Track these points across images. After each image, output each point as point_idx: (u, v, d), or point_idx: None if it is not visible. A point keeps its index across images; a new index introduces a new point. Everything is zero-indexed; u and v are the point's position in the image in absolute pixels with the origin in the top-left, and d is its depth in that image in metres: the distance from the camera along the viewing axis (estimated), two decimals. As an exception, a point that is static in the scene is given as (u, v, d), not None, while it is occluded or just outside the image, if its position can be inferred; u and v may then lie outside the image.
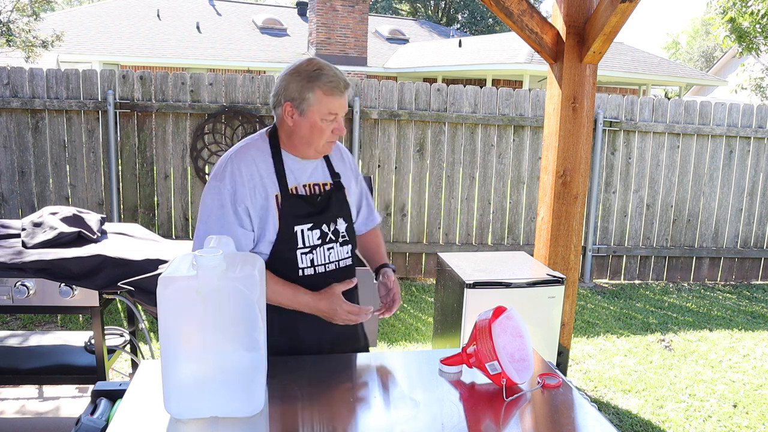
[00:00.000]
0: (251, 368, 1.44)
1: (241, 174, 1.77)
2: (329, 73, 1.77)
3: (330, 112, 1.78)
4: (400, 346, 4.28)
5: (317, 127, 1.78)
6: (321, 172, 1.92)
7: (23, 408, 2.90)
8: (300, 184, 1.85)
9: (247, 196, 1.77)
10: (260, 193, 1.78)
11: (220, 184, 1.77)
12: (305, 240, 1.82)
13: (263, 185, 1.79)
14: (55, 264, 2.44)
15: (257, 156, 1.81)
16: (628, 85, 18.95)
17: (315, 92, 1.76)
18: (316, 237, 1.84)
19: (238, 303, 1.39)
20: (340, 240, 1.90)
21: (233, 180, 1.77)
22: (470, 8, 34.36)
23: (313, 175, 1.89)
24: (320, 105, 1.76)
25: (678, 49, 46.68)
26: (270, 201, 1.79)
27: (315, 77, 1.76)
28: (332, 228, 1.88)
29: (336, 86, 1.77)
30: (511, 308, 1.68)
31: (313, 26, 18.00)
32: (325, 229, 1.86)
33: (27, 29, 11.90)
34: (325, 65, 1.79)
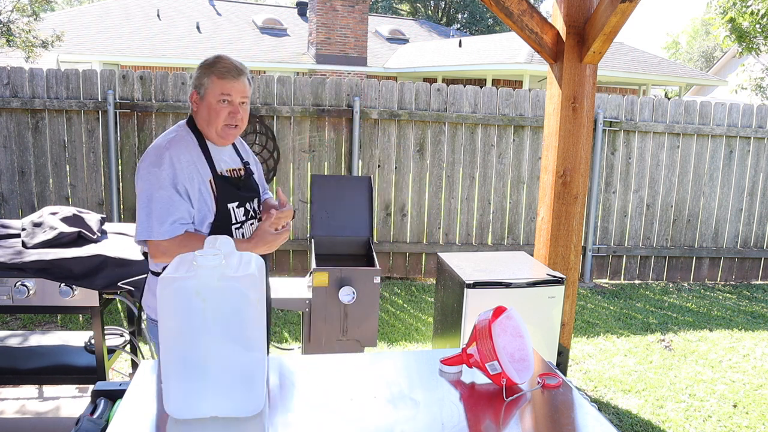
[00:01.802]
0: (251, 368, 1.43)
1: (180, 160, 1.97)
2: (224, 61, 2.04)
3: (222, 93, 2.00)
4: (400, 346, 4.28)
5: (213, 108, 2.01)
6: (234, 159, 2.20)
7: (23, 408, 2.89)
8: (224, 169, 2.11)
9: (186, 180, 1.97)
10: (197, 178, 2.00)
11: (158, 170, 1.94)
12: (236, 216, 2.10)
13: (198, 171, 2.01)
14: (55, 264, 2.44)
15: (190, 145, 2.04)
16: (628, 85, 18.95)
17: (210, 77, 2.01)
18: (242, 214, 2.13)
19: (238, 303, 1.39)
20: (257, 216, 2.22)
21: (173, 165, 1.95)
22: (470, 8, 34.35)
23: (230, 161, 2.17)
24: (215, 87, 2.01)
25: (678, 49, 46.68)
26: (205, 185, 2.02)
27: (211, 65, 2.03)
28: (252, 206, 2.18)
29: (228, 71, 2.01)
30: (511, 308, 1.68)
31: (313, 26, 18.00)
32: (248, 206, 2.16)
33: (27, 29, 11.90)
34: (223, 56, 2.06)
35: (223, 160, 2.12)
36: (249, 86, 2.10)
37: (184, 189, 1.96)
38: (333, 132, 5.43)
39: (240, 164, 2.21)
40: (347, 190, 3.93)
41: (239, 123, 2.07)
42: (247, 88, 2.07)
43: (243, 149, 2.30)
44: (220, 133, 2.05)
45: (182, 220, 1.96)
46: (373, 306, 3.20)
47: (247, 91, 2.08)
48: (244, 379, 1.43)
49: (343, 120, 5.39)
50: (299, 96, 5.34)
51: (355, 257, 3.77)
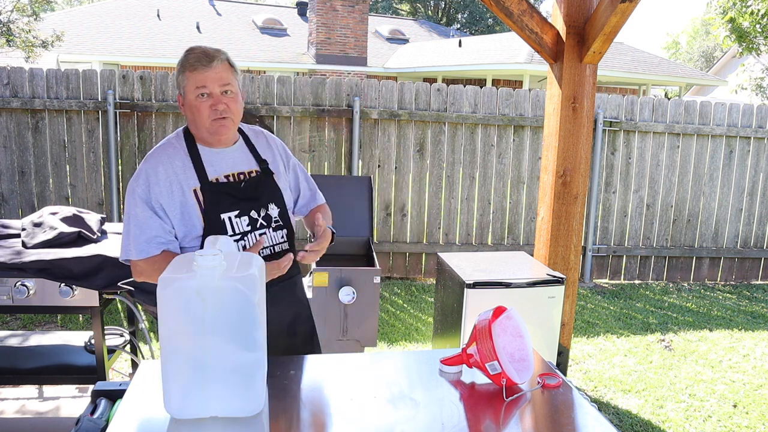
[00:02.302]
0: (251, 368, 1.43)
1: (156, 173, 1.82)
2: (193, 51, 1.82)
3: (197, 87, 1.79)
4: (400, 346, 4.28)
5: (194, 105, 1.81)
6: (245, 160, 1.94)
7: (23, 408, 2.89)
8: (221, 174, 1.88)
9: (162, 194, 1.81)
10: (177, 190, 1.82)
11: (135, 185, 1.83)
12: (234, 227, 1.85)
13: (179, 182, 1.82)
14: (55, 264, 2.44)
15: (173, 154, 1.86)
16: (628, 85, 18.95)
17: (184, 73, 1.82)
18: (245, 223, 1.87)
19: (238, 303, 1.39)
20: (273, 225, 1.92)
21: (147, 180, 1.82)
22: (470, 8, 34.35)
23: (237, 164, 1.92)
24: (189, 82, 1.81)
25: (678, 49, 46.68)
26: (187, 196, 1.82)
27: (183, 60, 1.82)
28: (263, 214, 1.90)
29: (197, 60, 1.79)
30: (511, 308, 1.68)
31: (313, 26, 18.01)
32: (254, 215, 1.88)
33: (27, 29, 11.90)
34: (194, 47, 1.84)
35: (223, 164, 1.90)
36: (230, 71, 1.84)
37: (159, 205, 1.80)
38: (333, 132, 5.43)
39: (254, 165, 1.95)
40: (347, 190, 3.93)
41: (228, 114, 1.83)
42: (224, 73, 1.82)
43: (267, 147, 2.03)
44: (210, 131, 1.83)
45: (158, 239, 1.80)
46: (373, 306, 3.20)
47: (227, 77, 1.82)
48: (244, 379, 1.43)
49: (343, 120, 5.40)
50: (299, 96, 5.34)
51: (355, 257, 3.77)
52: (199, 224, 1.83)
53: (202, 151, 1.88)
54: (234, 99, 1.85)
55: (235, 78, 1.87)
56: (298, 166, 2.12)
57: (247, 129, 2.04)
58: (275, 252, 1.93)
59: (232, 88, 1.84)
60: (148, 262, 1.82)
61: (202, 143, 1.89)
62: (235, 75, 1.87)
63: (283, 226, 1.95)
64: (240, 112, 1.89)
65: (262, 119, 5.28)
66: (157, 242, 1.81)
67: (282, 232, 1.95)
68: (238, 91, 1.87)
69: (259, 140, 2.02)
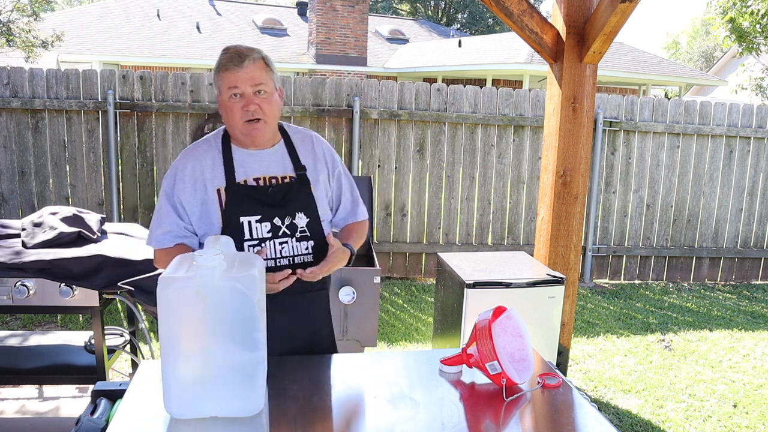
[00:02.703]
0: (251, 368, 1.44)
1: (184, 170, 1.84)
2: (228, 50, 1.80)
3: (229, 87, 1.77)
4: (400, 346, 4.28)
5: (227, 106, 1.79)
6: (281, 165, 1.88)
7: (23, 408, 2.89)
8: (250, 177, 1.84)
9: (185, 191, 1.83)
10: (200, 188, 1.82)
11: (165, 181, 1.88)
12: (252, 232, 1.81)
13: (204, 180, 1.82)
14: (55, 264, 2.44)
15: (205, 152, 1.86)
16: (628, 85, 18.95)
17: (218, 73, 1.80)
18: (266, 230, 1.81)
19: (238, 303, 1.39)
20: (297, 235, 1.84)
21: (174, 176, 1.85)
22: (470, 8, 34.35)
23: (270, 167, 1.87)
24: (222, 83, 1.79)
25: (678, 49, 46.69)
26: (210, 194, 1.82)
27: (218, 60, 1.81)
28: (287, 222, 1.83)
29: (229, 60, 1.77)
30: (511, 308, 1.68)
31: (313, 26, 18.01)
32: (277, 222, 1.82)
33: (27, 29, 11.90)
34: (229, 46, 1.82)
35: (255, 166, 1.85)
36: (265, 71, 1.80)
37: (179, 201, 1.83)
38: (333, 132, 5.43)
39: (290, 171, 1.88)
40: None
41: (260, 116, 1.78)
42: (257, 73, 1.77)
43: (311, 153, 1.94)
44: (243, 132, 1.81)
45: (171, 233, 1.83)
46: (373, 306, 3.20)
47: (260, 76, 1.78)
48: (244, 379, 1.43)
49: (343, 120, 5.40)
50: (299, 96, 5.34)
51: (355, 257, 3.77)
52: (217, 224, 1.81)
53: (236, 152, 1.86)
54: (267, 100, 1.80)
55: (271, 78, 1.82)
56: (343, 176, 2.02)
57: (293, 131, 1.97)
58: (294, 263, 1.85)
59: (266, 88, 1.80)
60: (163, 253, 1.85)
61: (237, 144, 1.87)
62: (270, 75, 1.82)
63: (309, 237, 1.86)
64: (275, 113, 1.84)
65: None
66: (172, 236, 1.84)
67: (307, 244, 1.86)
68: (272, 91, 1.82)
69: (304, 144, 1.94)
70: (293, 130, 1.98)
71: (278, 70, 1.90)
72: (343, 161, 5.46)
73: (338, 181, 2.01)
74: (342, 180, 2.02)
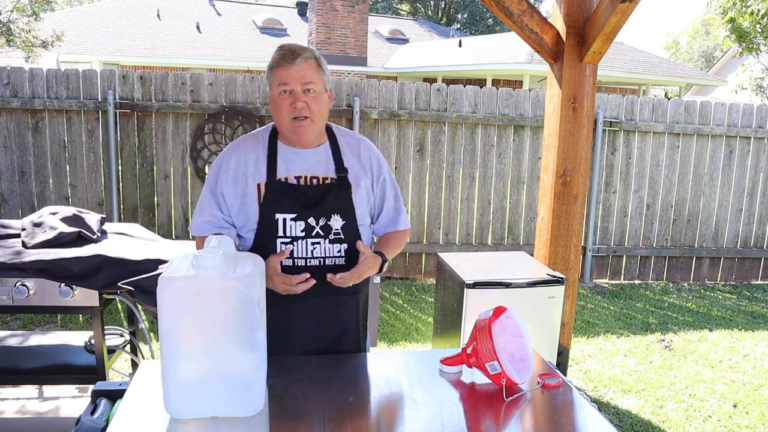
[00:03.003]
0: (251, 368, 1.44)
1: (229, 162, 1.88)
2: (282, 48, 1.83)
3: (279, 83, 1.80)
4: (400, 346, 4.28)
5: (276, 102, 1.82)
6: (323, 166, 1.89)
7: (23, 408, 2.89)
8: (291, 175, 1.85)
9: (227, 183, 1.87)
10: (242, 182, 1.86)
11: (210, 171, 1.92)
12: (286, 230, 1.82)
13: (245, 174, 1.86)
14: (55, 264, 2.44)
15: (251, 146, 1.89)
16: (628, 85, 18.95)
17: (271, 70, 1.83)
18: (300, 229, 1.83)
19: (238, 303, 1.39)
20: (330, 237, 1.85)
21: (219, 167, 1.89)
22: (470, 8, 34.35)
23: (313, 167, 1.88)
24: (273, 80, 1.82)
25: (678, 49, 46.69)
26: (250, 188, 1.85)
27: (271, 58, 1.84)
28: (322, 223, 1.84)
29: (282, 57, 1.80)
30: (511, 308, 1.68)
31: (313, 26, 18.00)
32: (311, 222, 1.83)
33: (27, 29, 11.90)
34: (284, 44, 1.85)
35: (298, 165, 1.86)
36: (316, 70, 1.81)
37: (221, 193, 1.87)
38: (333, 132, 5.42)
39: (332, 173, 1.88)
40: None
41: (307, 114, 1.80)
42: (308, 72, 1.79)
43: (356, 157, 1.93)
44: (289, 129, 1.82)
45: (210, 222, 1.88)
46: (373, 306, 3.20)
47: (311, 75, 1.79)
48: (244, 379, 1.43)
49: (343, 120, 5.39)
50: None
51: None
52: (254, 218, 1.84)
53: (281, 149, 1.88)
54: (315, 99, 1.81)
55: (321, 78, 1.84)
56: (388, 184, 2.01)
57: (342, 133, 1.97)
58: (324, 265, 1.85)
59: (316, 87, 1.81)
60: (201, 241, 1.90)
61: (283, 141, 1.89)
62: (321, 75, 1.84)
63: (343, 240, 1.86)
64: (323, 113, 1.86)
65: (262, 119, 5.28)
66: (210, 225, 1.89)
67: (340, 246, 1.86)
68: (322, 92, 1.84)
69: (351, 148, 1.94)
70: (342, 132, 1.99)
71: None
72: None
73: (382, 188, 1.99)
74: (386, 188, 2.01)
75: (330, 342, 1.93)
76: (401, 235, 2.07)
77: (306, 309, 1.87)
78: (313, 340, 1.90)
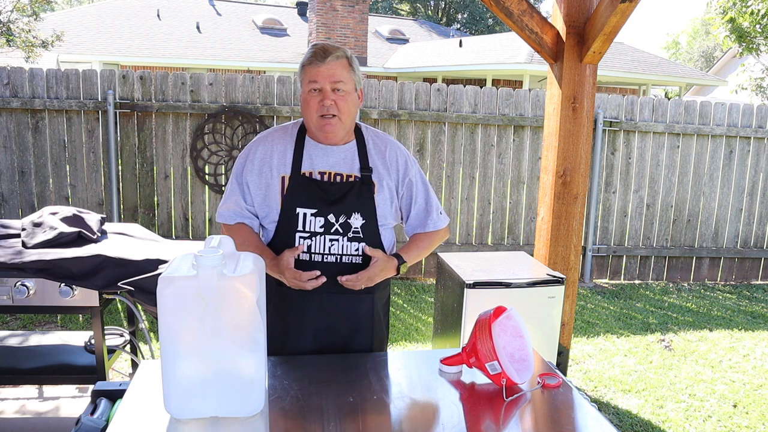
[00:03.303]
0: (251, 368, 1.43)
1: (255, 152, 1.92)
2: (315, 47, 1.86)
3: (309, 81, 1.83)
4: (400, 346, 4.28)
5: (305, 99, 1.86)
6: (348, 163, 1.90)
7: (23, 408, 2.90)
8: (316, 170, 1.88)
9: (253, 172, 1.91)
10: (266, 172, 1.89)
11: (237, 160, 1.96)
12: (306, 224, 1.84)
13: (271, 166, 1.89)
14: (55, 264, 2.44)
15: (279, 138, 1.93)
16: (628, 85, 18.95)
17: (302, 67, 1.87)
18: (319, 224, 1.84)
19: (238, 303, 1.39)
20: (349, 234, 1.85)
21: (246, 156, 1.93)
22: (470, 8, 34.35)
23: (338, 164, 1.89)
24: (304, 77, 1.85)
25: (678, 49, 46.70)
26: (274, 180, 1.88)
27: (303, 57, 1.88)
28: (342, 220, 1.85)
29: (313, 55, 1.83)
30: (511, 308, 1.68)
31: (313, 26, 18.00)
32: (331, 219, 1.84)
33: (27, 29, 11.90)
34: (317, 43, 1.89)
35: (323, 161, 1.88)
36: (346, 70, 1.83)
37: (246, 182, 1.91)
38: (333, 132, 5.42)
39: (356, 171, 1.89)
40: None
41: (335, 112, 1.81)
42: (338, 70, 1.81)
43: (381, 156, 1.93)
44: (317, 126, 1.85)
45: (233, 211, 1.92)
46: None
47: (341, 74, 1.82)
48: (244, 379, 1.43)
49: (343, 120, 5.39)
50: (299, 95, 5.33)
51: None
52: (276, 210, 1.87)
53: (308, 144, 1.91)
54: (344, 97, 1.83)
55: (352, 78, 1.86)
56: (417, 185, 1.99)
57: (370, 134, 1.98)
58: (341, 262, 1.86)
59: (345, 86, 1.83)
60: (225, 228, 1.96)
61: (311, 137, 1.92)
62: (351, 75, 1.86)
63: (361, 238, 1.87)
64: (351, 111, 1.86)
65: (263, 119, 5.28)
66: (233, 213, 1.93)
67: (359, 245, 1.86)
68: (351, 91, 1.86)
69: (377, 148, 1.95)
70: (371, 132, 1.99)
71: (279, 70, 1.93)
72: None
73: (409, 189, 1.98)
74: (414, 189, 1.99)
75: (342, 339, 1.94)
76: (429, 237, 2.05)
77: (319, 305, 1.90)
78: (324, 336, 1.92)
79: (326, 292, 1.86)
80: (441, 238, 2.08)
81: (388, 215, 1.94)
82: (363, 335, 1.97)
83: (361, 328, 1.96)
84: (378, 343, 2.02)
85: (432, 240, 2.06)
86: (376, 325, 2.00)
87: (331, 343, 1.93)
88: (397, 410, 1.51)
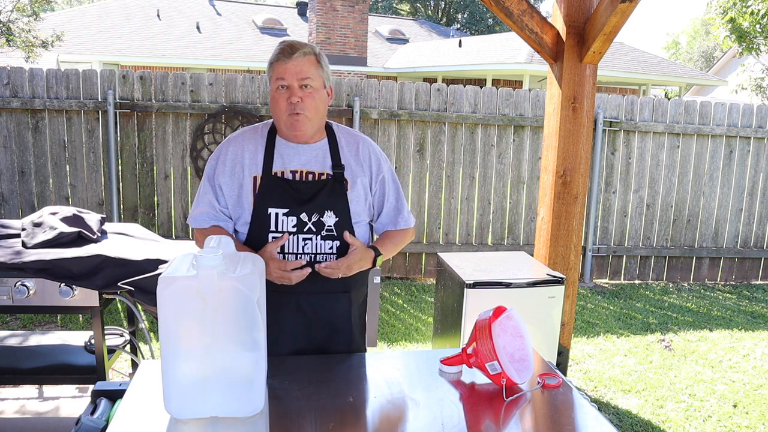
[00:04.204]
0: (251, 368, 1.43)
1: (226, 154, 1.89)
2: (282, 44, 1.83)
3: (277, 78, 1.80)
4: (400, 346, 4.28)
5: (273, 97, 1.83)
6: (320, 162, 1.88)
7: (23, 408, 2.90)
8: (287, 169, 1.85)
9: (224, 173, 1.87)
10: (239, 173, 1.86)
11: (208, 162, 1.93)
12: (279, 224, 1.82)
13: (243, 166, 1.86)
14: (55, 264, 2.44)
15: (250, 138, 1.90)
16: (628, 85, 18.95)
17: (270, 64, 1.84)
18: (291, 224, 1.82)
19: (238, 303, 1.39)
20: (322, 233, 1.84)
21: (217, 158, 1.90)
22: (470, 8, 34.35)
23: (310, 162, 1.87)
24: (272, 74, 1.82)
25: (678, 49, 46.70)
26: (246, 181, 1.85)
27: (272, 54, 1.84)
28: (314, 219, 1.82)
29: (281, 52, 1.80)
30: (511, 308, 1.68)
31: (313, 26, 18.00)
32: (303, 218, 1.82)
33: (27, 29, 11.90)
34: (284, 40, 1.86)
35: (294, 160, 1.86)
36: (314, 66, 1.80)
37: (218, 184, 1.87)
38: (333, 132, 5.42)
39: (326, 168, 1.86)
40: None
41: (300, 110, 1.78)
42: (306, 67, 1.78)
43: (354, 154, 1.92)
44: (286, 125, 1.82)
45: (207, 213, 1.89)
46: (374, 306, 3.20)
47: (308, 71, 1.78)
48: (244, 380, 1.43)
49: (343, 120, 5.39)
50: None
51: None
52: (249, 211, 1.85)
53: (279, 143, 1.88)
54: (311, 94, 1.80)
55: (320, 74, 1.83)
56: (389, 183, 1.98)
57: (342, 132, 1.97)
58: (315, 261, 1.84)
59: (313, 83, 1.80)
60: (199, 232, 1.94)
61: (282, 136, 1.89)
62: (320, 71, 1.83)
63: (335, 237, 1.85)
64: (318, 109, 1.83)
65: (262, 119, 5.28)
66: (207, 216, 1.90)
67: (332, 243, 1.85)
68: (320, 88, 1.83)
69: (349, 146, 1.93)
70: (343, 131, 1.98)
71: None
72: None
73: (382, 186, 1.97)
74: (386, 186, 1.98)
75: (320, 341, 1.91)
76: (401, 234, 2.05)
77: (295, 306, 1.86)
78: (302, 338, 1.89)
79: (303, 292, 1.84)
80: (410, 237, 2.09)
81: (362, 212, 1.92)
82: (342, 335, 1.95)
83: (339, 328, 1.94)
84: (357, 343, 2.00)
85: (403, 237, 2.06)
86: (355, 325, 1.98)
87: (308, 345, 1.89)
88: (397, 410, 1.51)
